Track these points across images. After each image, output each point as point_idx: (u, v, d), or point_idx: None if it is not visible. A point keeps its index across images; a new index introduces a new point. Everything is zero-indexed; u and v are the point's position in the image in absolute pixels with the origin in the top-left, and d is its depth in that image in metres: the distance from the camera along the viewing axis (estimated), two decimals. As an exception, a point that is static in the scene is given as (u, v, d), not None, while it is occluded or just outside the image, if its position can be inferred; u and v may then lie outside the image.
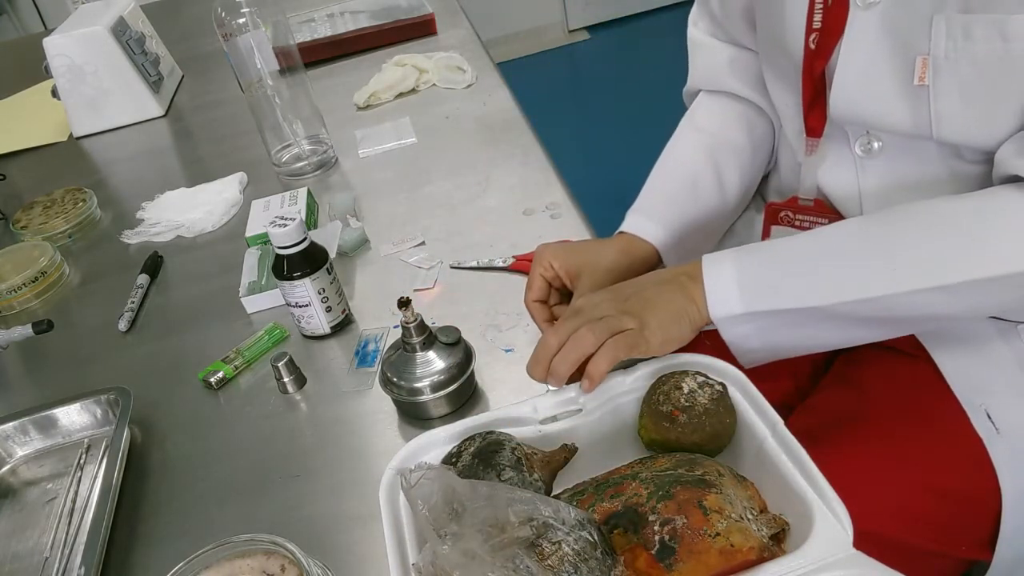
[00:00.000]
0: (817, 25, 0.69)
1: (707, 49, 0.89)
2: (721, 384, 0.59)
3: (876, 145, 0.72)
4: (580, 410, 0.61)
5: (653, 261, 0.79)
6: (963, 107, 0.63)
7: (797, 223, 0.79)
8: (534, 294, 0.75)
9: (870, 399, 0.75)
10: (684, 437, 0.57)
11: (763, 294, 0.64)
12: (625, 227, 0.80)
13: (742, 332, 0.65)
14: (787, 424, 0.82)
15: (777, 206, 0.80)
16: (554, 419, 0.61)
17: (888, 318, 0.63)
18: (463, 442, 0.58)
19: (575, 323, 0.63)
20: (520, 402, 0.62)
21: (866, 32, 0.66)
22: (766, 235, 0.83)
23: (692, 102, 0.92)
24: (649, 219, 0.80)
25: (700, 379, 0.59)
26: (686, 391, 0.58)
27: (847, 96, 0.69)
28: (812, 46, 0.70)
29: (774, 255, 0.65)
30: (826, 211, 0.77)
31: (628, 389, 0.62)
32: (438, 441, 0.60)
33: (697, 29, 0.91)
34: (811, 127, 0.75)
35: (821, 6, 0.68)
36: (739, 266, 0.65)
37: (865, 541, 0.50)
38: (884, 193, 0.73)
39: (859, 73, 0.68)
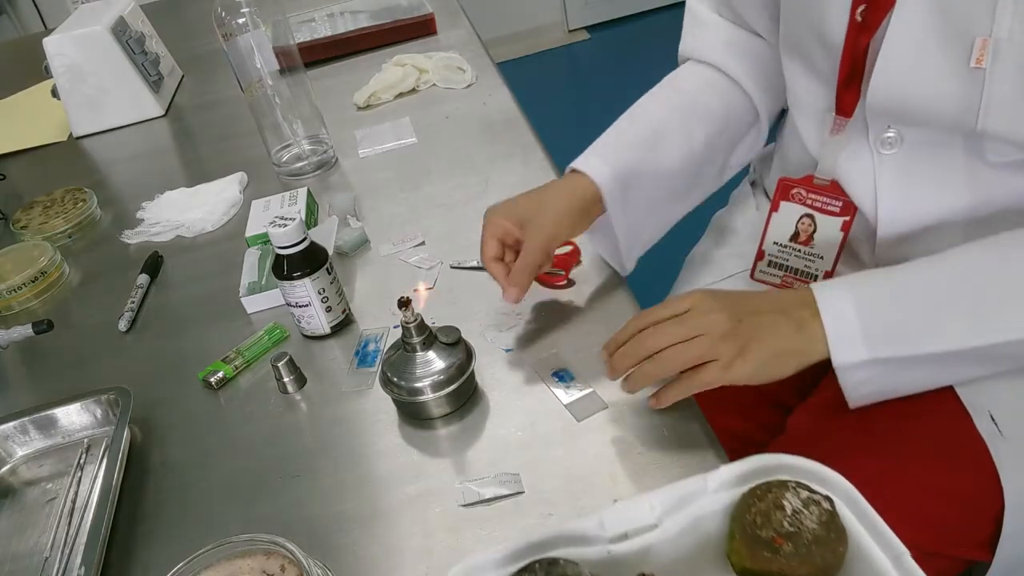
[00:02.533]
0: None
1: (707, 27, 0.88)
2: (828, 500, 0.49)
3: (895, 137, 0.70)
4: (656, 526, 0.52)
5: (597, 204, 0.78)
6: (1019, 95, 0.60)
7: (809, 202, 0.78)
8: (489, 252, 0.75)
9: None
10: (789, 570, 0.48)
11: (889, 339, 0.61)
12: (575, 163, 0.80)
13: (861, 377, 0.63)
14: (787, 425, 0.83)
15: (791, 182, 0.79)
16: (625, 537, 0.52)
17: (1017, 356, 0.61)
18: (521, 572, 0.49)
19: (677, 331, 0.62)
20: (586, 516, 0.53)
21: (919, 7, 0.62)
22: (775, 209, 0.82)
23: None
24: (601, 160, 0.79)
25: (804, 494, 0.49)
26: (789, 512, 0.48)
27: (891, 77, 0.66)
28: (859, 18, 0.66)
29: (897, 294, 0.62)
30: (841, 193, 0.76)
31: (711, 501, 0.52)
32: (490, 564, 0.50)
33: (701, 3, 0.90)
34: (843, 106, 0.72)
35: None
36: (860, 307, 0.62)
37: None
38: (901, 189, 0.72)
39: (907, 52, 0.64)
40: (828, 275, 0.80)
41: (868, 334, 0.61)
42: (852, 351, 0.62)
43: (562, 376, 0.73)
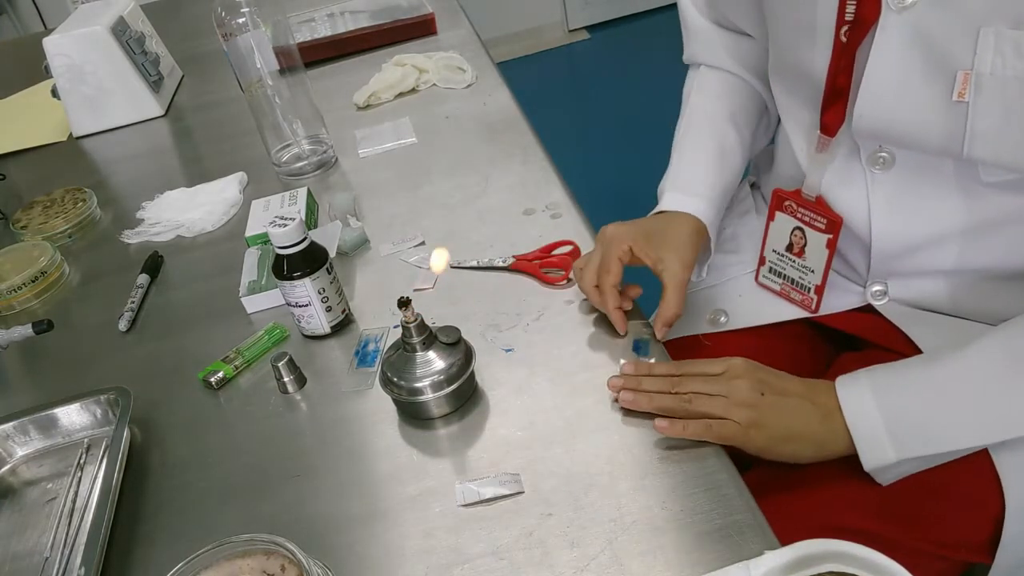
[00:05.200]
0: (850, 17, 0.66)
1: (705, 35, 0.91)
2: None
3: (887, 159, 0.70)
4: None
5: (704, 236, 0.80)
6: (1003, 127, 0.60)
7: (799, 215, 0.79)
8: (613, 278, 0.75)
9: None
10: None
11: (916, 441, 0.63)
12: (675, 206, 0.81)
13: (896, 472, 0.65)
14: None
15: (784, 194, 0.80)
16: None
17: None
18: None
19: (702, 386, 0.66)
20: None
21: (898, 37, 0.63)
22: (771, 219, 0.83)
23: (691, 70, 0.95)
24: (697, 198, 0.81)
25: None
26: None
27: (875, 105, 0.66)
28: (843, 39, 0.67)
29: (919, 394, 0.63)
30: (826, 210, 0.77)
31: None
32: None
33: (693, 12, 0.92)
34: (826, 124, 0.72)
35: None
36: (884, 412, 0.63)
37: (863, 540, 0.50)
38: (894, 208, 0.72)
39: (890, 82, 0.65)
40: (819, 289, 0.81)
41: (895, 438, 0.63)
42: (882, 455, 0.63)
43: (638, 347, 0.74)
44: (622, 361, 0.72)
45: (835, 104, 0.71)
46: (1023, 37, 0.56)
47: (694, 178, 0.84)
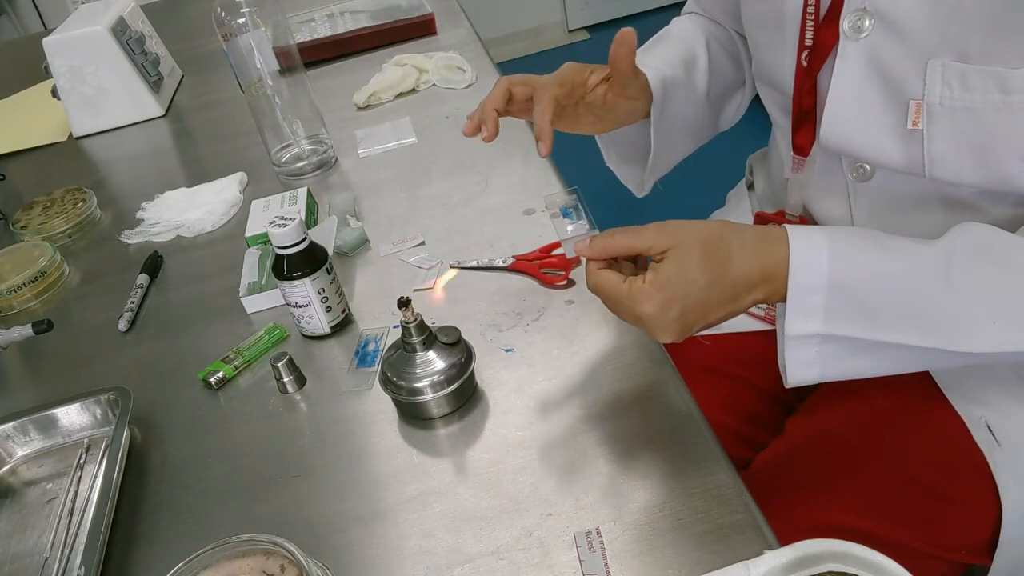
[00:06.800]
0: (809, 42, 0.68)
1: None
2: None
3: (866, 171, 0.70)
4: None
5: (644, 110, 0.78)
6: (958, 152, 0.61)
7: None
8: (521, 90, 0.77)
9: (869, 403, 0.75)
10: None
11: (848, 317, 0.57)
12: None
13: (806, 356, 0.59)
14: (785, 426, 0.83)
15: (767, 216, 0.81)
16: None
17: (967, 361, 0.59)
18: None
19: (623, 314, 0.62)
20: None
21: (856, 65, 0.64)
22: None
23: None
24: (645, 66, 0.79)
25: None
26: None
27: (838, 129, 0.68)
28: (804, 63, 0.69)
29: (870, 273, 0.58)
30: None
31: None
32: None
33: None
34: (798, 145, 0.74)
35: (812, 22, 0.67)
36: (832, 280, 0.57)
37: (863, 540, 0.50)
38: (877, 216, 0.72)
39: (849, 107, 0.66)
40: None
41: (829, 310, 0.57)
42: (809, 321, 0.58)
43: (567, 213, 0.71)
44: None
45: (804, 126, 0.72)
46: (968, 70, 0.57)
47: (650, 54, 0.83)
